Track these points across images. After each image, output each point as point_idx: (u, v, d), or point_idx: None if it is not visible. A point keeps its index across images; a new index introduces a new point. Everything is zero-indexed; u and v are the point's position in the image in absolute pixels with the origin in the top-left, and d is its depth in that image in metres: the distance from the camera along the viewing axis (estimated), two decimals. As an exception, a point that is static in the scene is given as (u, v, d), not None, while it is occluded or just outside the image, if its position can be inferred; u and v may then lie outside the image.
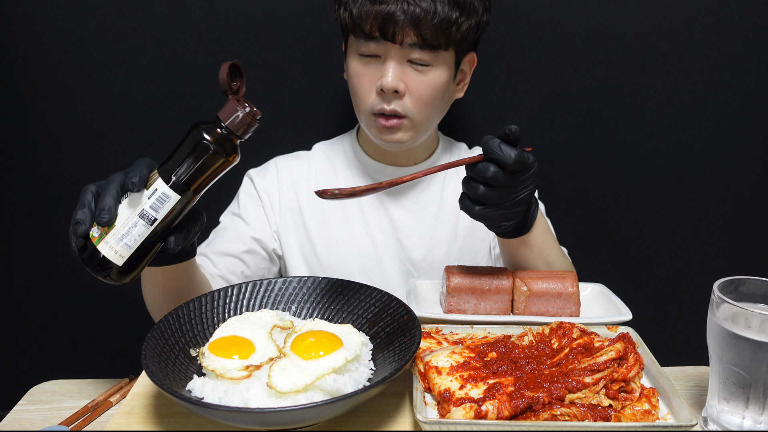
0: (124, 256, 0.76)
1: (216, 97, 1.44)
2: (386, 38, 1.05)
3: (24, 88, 1.43)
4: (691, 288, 1.55)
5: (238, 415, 0.66)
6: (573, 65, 1.43)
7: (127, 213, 0.76)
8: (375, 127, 1.13)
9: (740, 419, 0.74)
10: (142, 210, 0.75)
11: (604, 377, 0.74)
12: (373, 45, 1.07)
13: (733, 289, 0.76)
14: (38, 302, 1.60)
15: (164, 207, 0.76)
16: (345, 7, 1.08)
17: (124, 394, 0.94)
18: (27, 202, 1.51)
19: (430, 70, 1.09)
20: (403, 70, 1.08)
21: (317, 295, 0.92)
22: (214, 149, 0.75)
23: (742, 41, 1.41)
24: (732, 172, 1.51)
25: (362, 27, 1.06)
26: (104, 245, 0.75)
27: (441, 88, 1.11)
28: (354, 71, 1.12)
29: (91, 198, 0.77)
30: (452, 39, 1.07)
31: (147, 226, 0.76)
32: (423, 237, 1.24)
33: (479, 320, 0.93)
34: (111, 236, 0.75)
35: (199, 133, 0.75)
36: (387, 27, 1.04)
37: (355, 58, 1.11)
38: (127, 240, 0.75)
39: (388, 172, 1.23)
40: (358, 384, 0.74)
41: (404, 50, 1.06)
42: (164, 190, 0.75)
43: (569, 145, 1.50)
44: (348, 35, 1.13)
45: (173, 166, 0.76)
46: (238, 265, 1.18)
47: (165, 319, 0.82)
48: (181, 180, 0.75)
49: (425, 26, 1.03)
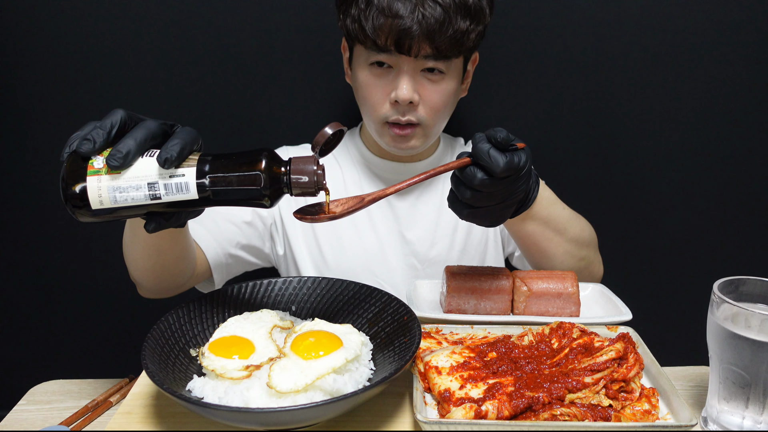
0: (104, 205, 0.69)
1: (216, 97, 1.45)
2: (401, 52, 1.03)
3: (24, 88, 1.43)
4: (691, 288, 1.55)
5: (238, 415, 0.66)
6: (574, 63, 1.43)
7: (140, 169, 0.68)
8: (388, 136, 1.13)
9: (740, 419, 0.74)
10: (156, 182, 0.68)
11: (604, 377, 0.74)
12: (385, 56, 1.06)
13: (733, 289, 0.76)
14: (38, 302, 1.60)
15: (177, 195, 0.69)
16: (353, 19, 1.05)
17: (124, 394, 0.94)
18: (27, 202, 1.51)
19: (443, 78, 1.08)
20: (417, 81, 1.07)
21: (317, 295, 0.92)
22: (262, 188, 0.69)
23: (742, 41, 1.41)
24: (732, 172, 1.51)
25: (376, 41, 1.03)
26: (95, 181, 0.68)
27: (453, 93, 1.12)
28: (364, 81, 1.11)
29: (116, 125, 0.69)
30: (465, 47, 1.06)
31: (147, 198, 0.68)
32: (427, 230, 1.24)
33: (479, 320, 0.93)
34: (108, 179, 0.68)
35: (264, 163, 0.69)
36: (403, 41, 1.02)
37: (365, 68, 1.09)
38: (119, 196, 0.68)
39: (390, 168, 1.24)
40: (358, 384, 0.74)
41: (418, 61, 1.05)
42: (190, 182, 0.68)
43: (569, 144, 1.50)
44: (355, 43, 1.11)
45: (215, 169, 0.69)
46: (235, 234, 1.16)
47: (165, 319, 0.82)
48: (212, 187, 0.69)
49: (440, 38, 1.02)
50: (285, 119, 1.47)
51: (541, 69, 1.44)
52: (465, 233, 1.25)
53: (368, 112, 1.14)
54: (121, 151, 0.67)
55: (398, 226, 1.24)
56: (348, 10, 1.07)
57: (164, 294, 1.07)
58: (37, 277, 1.57)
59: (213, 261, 1.12)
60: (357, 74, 1.13)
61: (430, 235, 1.24)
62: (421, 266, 1.24)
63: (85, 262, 1.55)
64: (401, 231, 1.23)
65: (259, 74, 1.43)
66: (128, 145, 0.67)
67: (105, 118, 0.70)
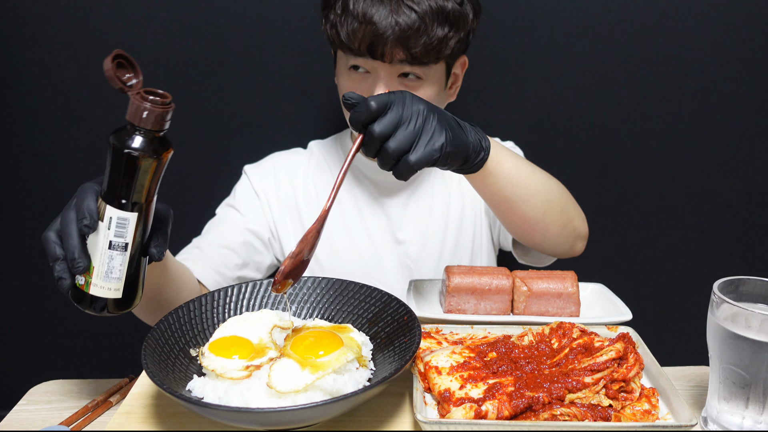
0: (119, 288, 0.74)
1: (216, 98, 1.45)
2: (375, 57, 1.03)
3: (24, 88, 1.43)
4: (691, 288, 1.55)
5: (238, 415, 0.66)
6: (573, 62, 1.43)
7: (98, 250, 0.72)
8: None
9: (740, 419, 0.74)
10: (109, 242, 0.72)
11: (604, 377, 0.74)
12: (362, 61, 1.06)
13: (733, 289, 0.76)
14: (38, 302, 1.60)
15: (128, 229, 0.72)
16: (332, 24, 1.06)
17: (124, 394, 0.94)
18: (27, 202, 1.51)
19: (421, 84, 1.07)
20: (394, 86, 1.06)
21: (317, 295, 0.92)
22: (140, 155, 0.69)
23: (742, 42, 1.41)
24: (732, 172, 1.51)
25: (350, 46, 1.04)
26: (95, 288, 0.73)
27: (433, 98, 1.10)
28: (344, 86, 1.11)
29: (57, 248, 0.74)
30: (442, 54, 1.05)
31: (123, 253, 0.73)
32: (419, 230, 1.24)
33: (479, 320, 0.93)
34: (96, 278, 0.73)
35: (118, 143, 0.69)
36: (375, 47, 1.02)
37: (345, 72, 1.10)
38: (113, 274, 0.73)
39: (378, 169, 1.22)
40: (358, 384, 0.74)
41: (394, 66, 1.05)
42: (118, 215, 0.71)
43: (569, 143, 1.50)
44: (335, 48, 1.12)
45: (113, 188, 0.71)
46: (232, 258, 1.17)
47: (165, 319, 0.82)
48: (128, 198, 0.71)
49: (414, 45, 1.01)
50: (281, 118, 1.47)
51: (540, 69, 1.44)
52: (456, 231, 1.25)
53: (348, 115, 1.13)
54: (74, 258, 0.72)
55: (390, 227, 1.24)
56: (328, 15, 1.07)
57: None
58: (37, 277, 1.57)
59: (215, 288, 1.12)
60: (338, 78, 1.13)
61: (422, 234, 1.24)
62: (414, 266, 1.24)
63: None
64: (393, 232, 1.24)
65: (257, 74, 1.43)
66: (72, 250, 0.72)
67: (47, 251, 0.74)
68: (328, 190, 1.23)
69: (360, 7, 1.01)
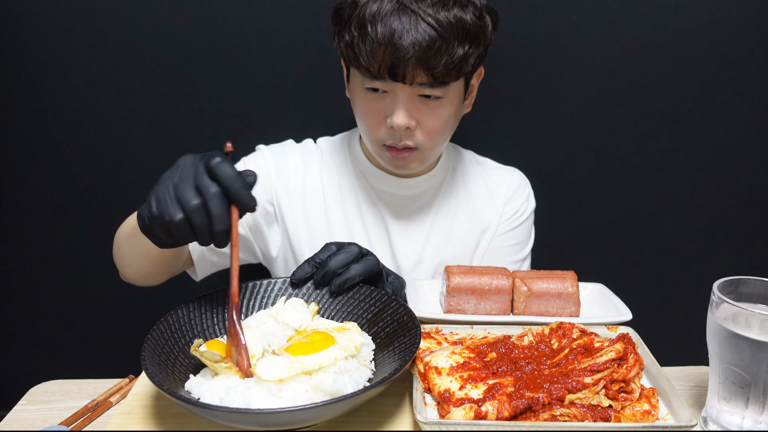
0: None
1: (217, 98, 1.45)
2: (395, 80, 1.00)
3: (24, 88, 1.43)
4: (691, 288, 1.55)
5: (238, 416, 0.66)
6: (571, 64, 1.43)
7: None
8: (385, 158, 1.12)
9: (740, 419, 0.74)
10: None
11: (604, 378, 0.74)
12: (379, 83, 1.02)
13: (733, 289, 0.76)
14: (38, 302, 1.60)
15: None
16: (347, 44, 1.02)
17: (124, 394, 0.94)
18: (27, 202, 1.51)
19: (441, 103, 1.05)
20: (414, 106, 1.04)
21: (317, 295, 0.92)
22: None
23: (742, 42, 1.41)
24: (732, 172, 1.51)
25: (369, 68, 1.00)
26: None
27: (452, 116, 1.08)
28: (360, 105, 1.08)
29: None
30: (463, 72, 1.02)
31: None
32: (414, 248, 1.23)
33: (479, 320, 0.93)
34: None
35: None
36: (396, 69, 0.98)
37: (361, 91, 1.07)
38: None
39: (387, 181, 1.22)
40: (358, 384, 0.74)
41: (414, 88, 1.02)
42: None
43: (569, 143, 1.50)
44: (350, 65, 1.07)
45: None
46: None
47: (165, 319, 0.82)
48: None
49: (436, 65, 0.98)
50: (286, 117, 1.47)
51: (541, 69, 1.44)
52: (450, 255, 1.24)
53: (365, 134, 1.12)
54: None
55: (389, 240, 1.23)
56: (342, 33, 1.03)
57: (151, 284, 1.09)
58: (37, 277, 1.57)
59: (196, 255, 1.14)
60: (353, 95, 1.11)
61: (418, 251, 1.23)
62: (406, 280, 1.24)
63: (85, 262, 1.55)
64: (391, 245, 1.23)
65: (262, 72, 1.43)
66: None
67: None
68: (334, 195, 1.23)
69: (378, 29, 0.97)
